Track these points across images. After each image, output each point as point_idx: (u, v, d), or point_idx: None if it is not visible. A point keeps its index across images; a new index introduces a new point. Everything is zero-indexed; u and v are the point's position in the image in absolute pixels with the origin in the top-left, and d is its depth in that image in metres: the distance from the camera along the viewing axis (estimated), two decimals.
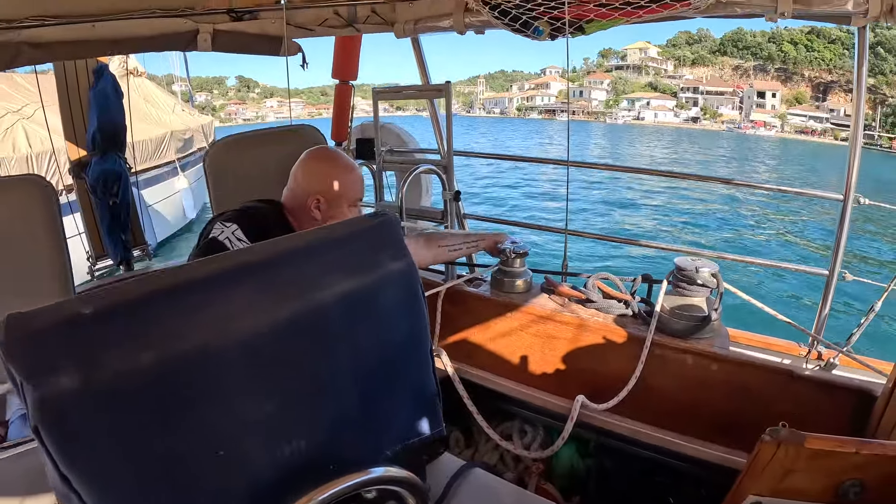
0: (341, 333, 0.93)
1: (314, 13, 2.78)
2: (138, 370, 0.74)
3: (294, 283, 0.89)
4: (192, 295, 0.83)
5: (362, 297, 0.94)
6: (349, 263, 0.95)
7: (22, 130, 7.65)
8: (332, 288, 0.91)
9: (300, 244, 0.95)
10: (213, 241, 1.46)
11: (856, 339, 2.01)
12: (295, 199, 1.73)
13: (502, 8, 2.08)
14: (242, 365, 0.82)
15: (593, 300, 2.18)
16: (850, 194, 2.04)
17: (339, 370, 0.93)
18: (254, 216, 1.59)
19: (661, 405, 1.97)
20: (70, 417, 0.70)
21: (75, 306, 0.74)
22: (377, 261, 0.96)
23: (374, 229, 1.02)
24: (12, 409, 1.89)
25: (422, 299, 1.05)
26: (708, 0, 1.78)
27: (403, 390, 1.05)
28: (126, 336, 0.75)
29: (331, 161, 1.76)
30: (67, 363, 0.70)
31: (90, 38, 2.43)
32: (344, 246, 0.96)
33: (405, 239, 2.04)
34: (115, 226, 3.43)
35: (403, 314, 1.01)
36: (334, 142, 3.49)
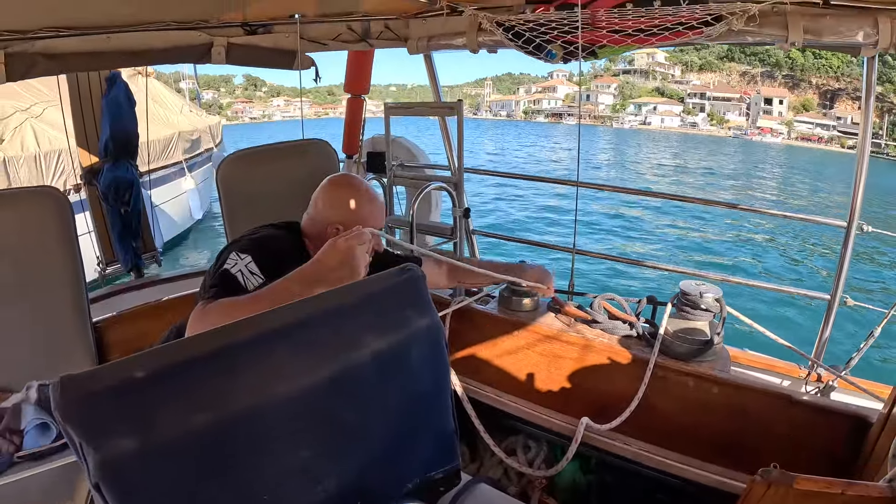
0: (373, 388, 0.97)
1: (328, 28, 2.80)
2: (190, 431, 0.79)
3: (330, 343, 0.93)
4: (235, 358, 0.86)
5: (393, 356, 0.99)
6: (380, 322, 0.99)
7: (31, 129, 7.61)
8: (365, 348, 0.95)
9: (333, 304, 0.98)
10: (225, 273, 1.43)
11: (854, 364, 2.04)
12: (314, 226, 1.71)
13: (516, 30, 2.11)
14: (283, 420, 0.87)
15: (599, 321, 2.21)
16: (854, 221, 2.06)
17: (368, 419, 0.98)
18: (269, 245, 1.57)
19: (662, 425, 1.99)
20: (129, 477, 0.75)
21: (128, 370, 0.78)
22: (405, 318, 1.00)
23: (401, 285, 1.05)
24: (27, 419, 1.89)
25: (444, 351, 1.08)
26: (720, 29, 1.80)
27: (425, 432, 1.09)
28: (177, 399, 0.80)
29: (352, 190, 1.73)
30: (124, 426, 0.75)
31: (105, 50, 2.46)
32: (374, 303, 1.00)
33: (425, 262, 2.08)
34: (126, 233, 3.46)
35: (429, 367, 1.05)
36: (345, 154, 3.51)
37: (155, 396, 0.78)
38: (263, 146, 2.65)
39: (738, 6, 1.76)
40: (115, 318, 2.41)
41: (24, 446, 1.86)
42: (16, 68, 2.23)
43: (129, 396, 0.77)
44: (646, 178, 27.84)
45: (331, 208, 1.69)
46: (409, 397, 1.04)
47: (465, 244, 2.78)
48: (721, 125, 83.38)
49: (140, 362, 0.79)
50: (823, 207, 22.91)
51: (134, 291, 2.93)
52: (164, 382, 0.80)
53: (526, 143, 55.62)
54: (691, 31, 1.81)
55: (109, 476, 0.73)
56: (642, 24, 1.85)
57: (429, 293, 1.07)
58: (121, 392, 0.77)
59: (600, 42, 1.97)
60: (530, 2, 2.20)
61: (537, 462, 2.26)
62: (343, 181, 1.78)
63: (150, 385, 0.78)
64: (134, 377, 0.77)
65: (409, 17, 2.61)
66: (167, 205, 10.49)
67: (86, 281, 2.16)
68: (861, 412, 1.71)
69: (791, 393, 1.83)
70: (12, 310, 1.99)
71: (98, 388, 0.75)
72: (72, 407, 0.73)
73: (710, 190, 27.05)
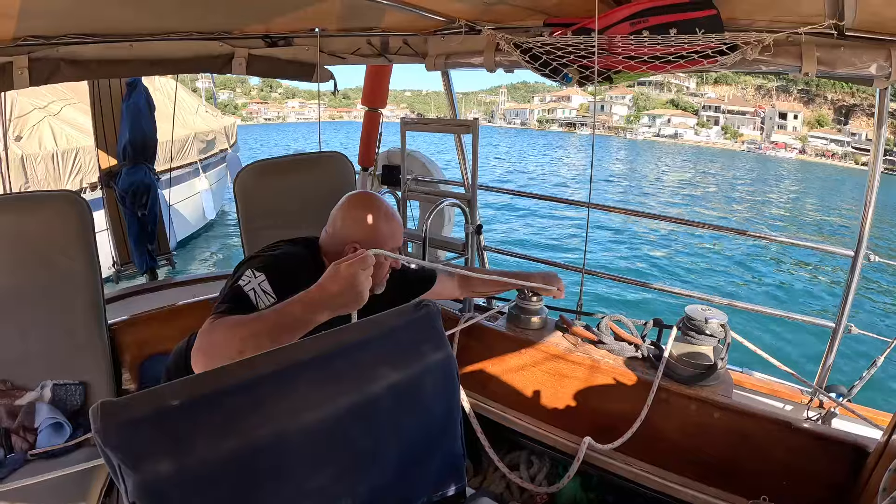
0: (388, 417, 1.02)
1: (347, 42, 2.84)
2: (220, 456, 0.84)
3: (349, 375, 0.98)
4: (261, 388, 0.91)
5: (408, 387, 1.03)
6: (396, 356, 1.03)
7: (48, 127, 7.67)
8: (382, 380, 1.00)
9: (352, 338, 1.01)
10: (238, 291, 1.43)
11: (857, 391, 2.06)
12: (332, 244, 1.71)
13: (533, 52, 2.13)
14: (305, 447, 0.92)
15: (605, 342, 2.23)
16: (862, 251, 2.08)
17: (382, 445, 1.02)
18: (285, 265, 1.57)
19: (664, 447, 2.02)
20: (164, 498, 0.80)
21: (163, 398, 0.83)
22: (421, 352, 1.04)
23: (418, 321, 1.08)
24: (41, 417, 1.93)
25: (457, 381, 1.12)
26: (734, 58, 1.82)
27: (435, 455, 1.14)
28: (209, 426, 0.85)
29: (372, 209, 1.71)
30: (160, 451, 0.80)
31: (127, 58, 2.51)
32: (391, 338, 1.04)
33: (439, 275, 2.11)
34: (142, 236, 3.51)
35: (441, 396, 1.10)
36: (361, 167, 3.55)
37: (188, 424, 0.83)
38: (281, 157, 2.69)
39: (754, 36, 1.78)
40: (130, 320, 2.44)
41: (38, 445, 1.90)
42: (39, 73, 2.27)
43: (165, 423, 0.82)
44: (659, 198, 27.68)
45: (350, 227, 1.69)
46: (421, 424, 1.08)
47: (476, 260, 2.80)
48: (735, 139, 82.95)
49: (174, 391, 0.84)
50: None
51: (148, 294, 2.97)
52: (197, 411, 0.85)
53: (534, 151, 55.51)
54: (706, 60, 1.83)
55: (146, 497, 0.78)
56: (658, 51, 1.87)
57: (443, 327, 1.10)
58: (157, 419, 0.81)
59: (616, 67, 1.99)
60: (548, 24, 2.23)
61: (539, 478, 2.30)
62: (363, 200, 1.76)
63: (183, 413, 0.83)
64: (169, 405, 0.82)
65: (428, 33, 2.65)
66: (181, 205, 10.57)
67: (102, 284, 2.20)
68: (860, 441, 1.73)
69: (792, 420, 1.84)
70: (30, 309, 2.03)
71: (136, 414, 0.80)
72: (111, 431, 0.77)
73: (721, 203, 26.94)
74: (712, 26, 1.80)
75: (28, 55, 2.22)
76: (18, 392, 2.00)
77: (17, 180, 7.05)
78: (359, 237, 1.66)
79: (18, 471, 1.82)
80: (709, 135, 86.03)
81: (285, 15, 2.57)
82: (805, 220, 22.86)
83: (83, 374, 2.11)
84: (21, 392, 2.00)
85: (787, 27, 1.79)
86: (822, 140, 74.32)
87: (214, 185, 12.14)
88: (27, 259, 2.03)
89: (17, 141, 7.28)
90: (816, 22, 1.73)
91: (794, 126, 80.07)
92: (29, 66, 2.22)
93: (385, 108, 3.57)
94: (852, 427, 1.97)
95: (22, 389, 2.01)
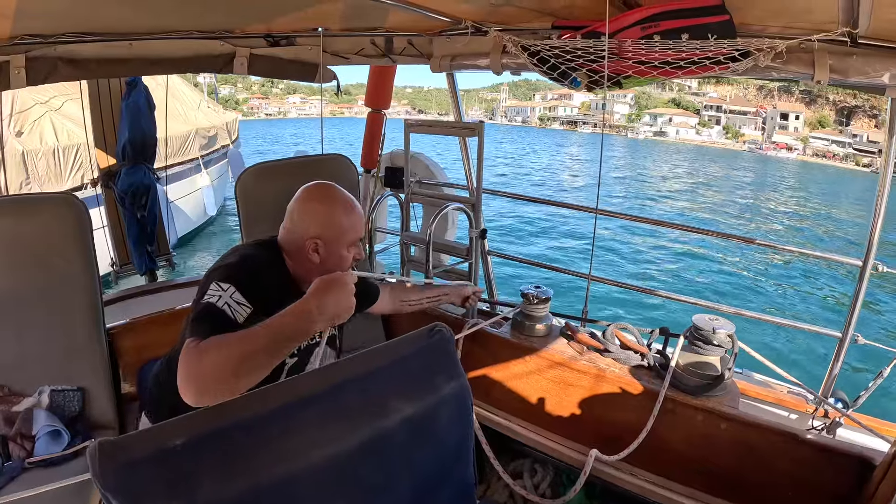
0: (401, 451, 0.98)
1: (351, 42, 2.80)
2: (226, 498, 0.79)
3: (359, 410, 0.93)
4: (268, 426, 0.86)
5: (422, 420, 0.99)
6: (409, 387, 0.99)
7: (49, 123, 7.61)
8: (395, 414, 0.95)
9: (361, 369, 0.97)
10: (211, 308, 1.35)
11: (862, 402, 2.05)
12: (292, 242, 1.62)
13: (541, 56, 2.10)
14: (314, 486, 0.88)
15: (611, 350, 2.20)
16: (870, 261, 2.06)
17: (394, 479, 0.98)
18: (249, 270, 1.49)
19: (669, 458, 2.00)
20: None
21: (165, 437, 0.78)
22: (434, 384, 1.00)
23: (430, 348, 1.04)
24: (39, 424, 1.91)
25: (471, 410, 1.09)
26: (746, 65, 1.79)
27: (447, 485, 1.10)
28: (213, 467, 0.80)
29: (329, 201, 1.63)
30: (163, 493, 0.75)
31: (127, 57, 2.47)
32: (403, 368, 0.99)
33: (381, 288, 2.06)
34: (141, 237, 3.48)
35: (456, 427, 1.06)
36: (364, 169, 3.51)
37: (192, 464, 0.79)
38: (283, 160, 2.65)
39: (766, 42, 1.75)
40: (129, 324, 2.41)
41: (36, 452, 1.88)
42: (36, 73, 2.24)
43: (167, 464, 0.77)
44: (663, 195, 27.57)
45: (307, 221, 1.60)
46: (435, 456, 1.04)
47: (479, 265, 2.77)
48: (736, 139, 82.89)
49: (176, 429, 0.79)
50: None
51: (147, 296, 2.94)
52: (201, 450, 0.80)
53: (538, 149, 55.41)
54: (718, 66, 1.80)
55: None
56: (669, 56, 1.83)
57: (457, 355, 1.06)
58: (158, 459, 0.77)
59: (626, 72, 1.95)
60: (556, 27, 2.19)
61: (543, 486, 2.28)
62: (318, 192, 1.66)
63: (186, 453, 0.78)
64: (171, 445, 0.77)
65: (433, 34, 2.61)
66: (182, 201, 10.55)
67: (101, 287, 2.17)
68: (865, 453, 1.71)
69: (797, 432, 1.82)
70: (27, 314, 2.00)
71: (136, 455, 0.76)
72: (109, 474, 0.73)
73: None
74: (725, 32, 1.76)
75: (25, 54, 2.19)
76: (16, 398, 1.98)
77: (17, 176, 7.03)
78: (318, 232, 1.59)
79: (16, 479, 1.79)
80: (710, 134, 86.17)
81: (288, 14, 2.52)
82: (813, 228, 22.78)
83: (81, 379, 2.08)
84: (18, 398, 1.97)
85: (800, 34, 1.75)
86: (824, 141, 74.29)
87: (216, 181, 12.11)
88: (24, 262, 2.00)
89: (18, 136, 7.24)
90: (830, 29, 1.70)
91: (795, 127, 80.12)
92: (26, 66, 2.19)
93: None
94: (859, 437, 1.96)
95: (19, 395, 1.98)
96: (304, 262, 1.61)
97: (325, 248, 1.59)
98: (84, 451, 1.90)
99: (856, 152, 69.33)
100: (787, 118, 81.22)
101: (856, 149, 69.96)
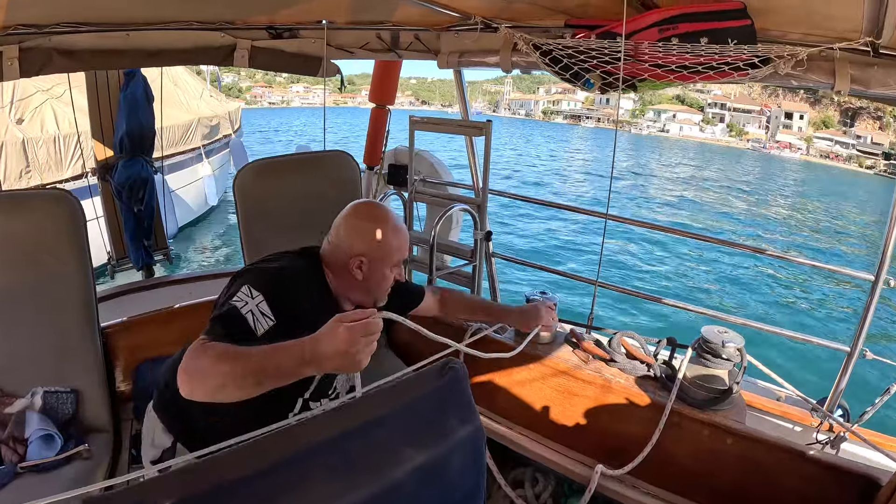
0: (412, 501, 0.90)
1: (356, 35, 2.74)
2: None
3: (367, 460, 0.86)
4: (268, 482, 0.79)
5: (433, 469, 0.92)
6: (420, 433, 0.92)
7: (51, 110, 7.56)
8: (404, 464, 0.88)
9: (369, 414, 0.90)
10: (234, 313, 1.33)
11: (868, 418, 2.00)
12: (336, 257, 1.61)
13: (553, 55, 2.03)
14: None
15: (616, 360, 2.15)
16: (882, 276, 2.00)
17: None
18: (286, 282, 1.47)
19: (674, 472, 1.95)
20: None
21: (152, 495, 0.71)
22: (447, 427, 0.93)
23: (442, 389, 0.97)
24: (32, 428, 1.87)
25: (485, 453, 1.03)
26: (766, 72, 1.73)
27: None
28: None
29: (379, 221, 1.61)
30: None
31: (123, 48, 2.41)
32: (414, 409, 0.92)
33: (429, 291, 2.02)
34: (138, 232, 3.42)
35: (470, 472, 0.98)
36: (366, 165, 3.45)
37: None
38: (283, 156, 2.60)
39: (788, 49, 1.69)
40: (124, 323, 2.35)
41: (28, 457, 1.84)
42: (30, 64, 2.18)
43: None
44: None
45: (355, 239, 1.59)
46: (446, 501, 0.97)
47: (484, 268, 2.71)
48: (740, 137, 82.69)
49: (164, 486, 0.73)
50: None
51: (144, 292, 2.88)
52: None
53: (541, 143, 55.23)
54: (737, 73, 1.73)
55: None
56: (687, 60, 1.77)
57: (471, 395, 0.99)
58: None
59: (641, 76, 1.89)
60: (569, 25, 2.13)
61: (545, 496, 2.24)
62: (368, 211, 1.67)
63: None
64: None
65: (441, 29, 2.55)
66: (183, 190, 10.52)
67: (95, 286, 2.12)
68: (872, 473, 1.67)
69: (803, 449, 1.78)
70: (19, 313, 1.96)
71: None
72: None
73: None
74: (745, 37, 1.71)
75: (18, 45, 2.13)
76: (8, 399, 1.94)
77: (17, 165, 6.99)
78: (364, 250, 1.58)
79: (8, 485, 1.75)
80: (714, 132, 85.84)
81: (291, 6, 2.46)
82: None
83: (75, 380, 2.04)
84: (11, 399, 1.93)
85: (821, 41, 1.72)
86: (828, 141, 74.03)
87: (217, 170, 12.06)
88: (15, 260, 1.95)
89: (19, 124, 7.19)
90: (852, 38, 1.67)
91: (799, 126, 79.83)
92: (19, 57, 2.13)
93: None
94: (866, 450, 1.92)
95: (12, 396, 1.94)
96: (346, 278, 1.61)
97: (370, 266, 1.60)
98: (77, 456, 1.88)
99: (859, 154, 69.11)
100: (791, 117, 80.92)
101: (859, 150, 69.72)
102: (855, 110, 78.35)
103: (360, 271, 1.59)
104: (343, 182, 2.54)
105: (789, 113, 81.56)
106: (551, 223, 16.55)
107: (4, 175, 6.81)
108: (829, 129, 77.75)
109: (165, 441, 1.61)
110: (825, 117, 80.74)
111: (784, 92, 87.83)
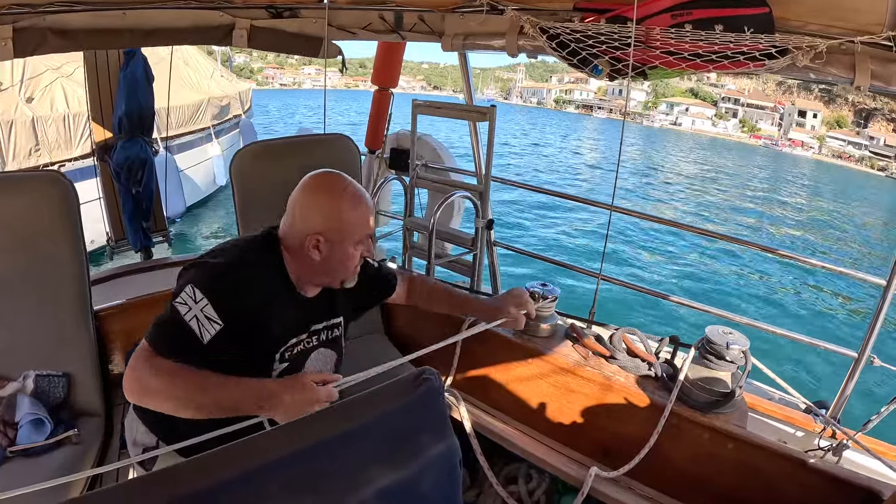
0: None
1: (358, 15, 2.68)
2: None
3: (331, 480, 0.80)
4: (223, 498, 0.74)
5: (403, 491, 0.86)
6: (390, 450, 0.85)
7: (61, 89, 7.56)
8: (372, 484, 0.82)
9: (335, 429, 0.83)
10: (177, 318, 1.26)
11: (872, 426, 1.92)
12: (292, 237, 1.47)
13: (561, 39, 1.96)
14: None
15: (617, 357, 2.09)
16: (894, 281, 1.93)
17: None
18: (231, 278, 1.35)
19: (672, 475, 1.91)
20: None
21: None
22: (419, 445, 0.87)
23: (415, 403, 0.90)
24: (22, 412, 1.85)
25: (460, 473, 0.97)
26: (783, 63, 1.66)
27: None
28: None
29: (334, 193, 1.45)
30: None
31: (119, 27, 2.37)
32: (384, 425, 0.85)
33: (399, 277, 1.91)
34: (137, 213, 3.39)
35: (442, 494, 0.91)
36: (368, 149, 3.39)
37: None
38: (281, 139, 2.54)
39: (807, 41, 1.61)
40: (118, 307, 2.33)
41: (18, 441, 1.83)
42: (24, 44, 2.14)
43: None
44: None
45: (311, 216, 1.44)
46: None
47: (485, 257, 2.66)
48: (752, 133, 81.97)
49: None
50: None
51: (140, 274, 2.85)
52: None
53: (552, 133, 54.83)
54: (753, 63, 1.66)
55: None
56: (700, 48, 1.70)
57: (446, 409, 0.93)
58: None
59: (652, 63, 1.81)
60: (578, 9, 2.06)
61: (538, 493, 2.20)
62: (322, 182, 1.49)
63: None
64: None
65: (446, 10, 2.49)
66: (192, 170, 10.56)
67: (88, 269, 2.09)
68: (872, 485, 1.62)
69: (805, 458, 1.73)
70: (11, 296, 1.93)
71: None
72: None
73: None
74: (762, 26, 1.63)
75: (12, 25, 2.08)
76: (0, 382, 1.92)
77: (27, 143, 7.00)
78: (321, 228, 1.43)
79: None
80: (726, 127, 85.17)
81: None
82: None
83: (67, 364, 2.02)
84: (2, 382, 1.92)
85: (842, 34, 1.64)
86: (840, 141, 73.23)
87: (226, 150, 12.06)
88: (7, 243, 1.91)
89: (29, 102, 7.19)
90: (874, 31, 1.60)
91: (812, 125, 79.06)
92: (13, 37, 2.09)
93: (401, 81, 3.41)
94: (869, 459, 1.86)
95: (3, 379, 1.93)
96: (304, 260, 1.47)
97: (329, 245, 1.44)
98: (67, 440, 1.88)
99: (872, 155, 68.32)
100: (804, 115, 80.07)
101: (872, 152, 68.92)
102: (869, 111, 77.44)
103: (317, 251, 1.44)
104: (342, 165, 2.45)
105: (803, 111, 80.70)
106: (554, 213, 16.46)
107: (14, 153, 6.84)
108: (842, 128, 76.88)
109: (147, 440, 1.56)
110: (839, 117, 79.84)
111: (798, 89, 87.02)
